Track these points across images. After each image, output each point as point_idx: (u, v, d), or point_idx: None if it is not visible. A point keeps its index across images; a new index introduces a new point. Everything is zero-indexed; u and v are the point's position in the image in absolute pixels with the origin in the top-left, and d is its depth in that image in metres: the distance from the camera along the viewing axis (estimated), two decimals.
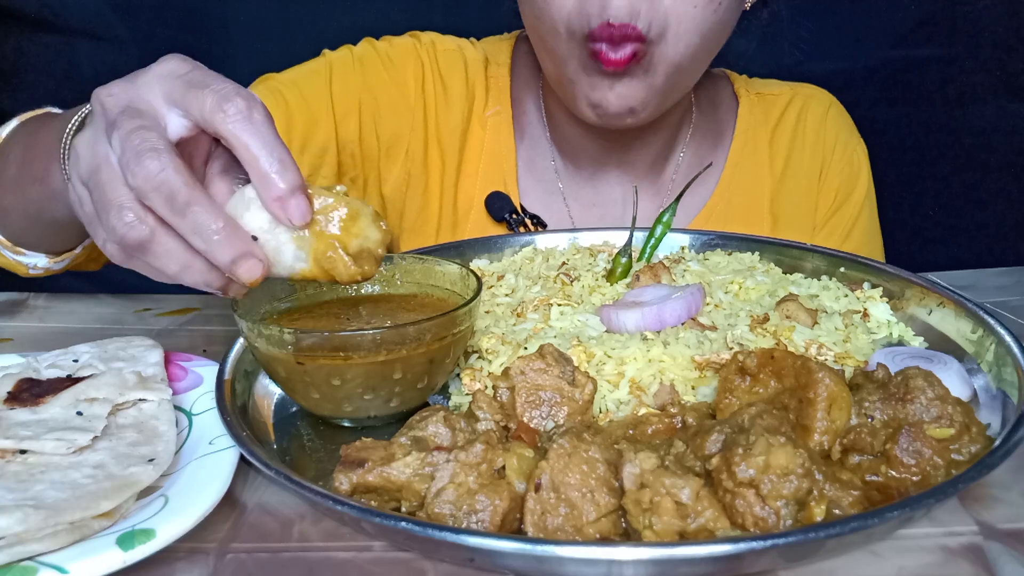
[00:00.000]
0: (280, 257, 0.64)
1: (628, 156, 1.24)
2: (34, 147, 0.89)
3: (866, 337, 0.84)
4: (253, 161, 0.62)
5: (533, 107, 1.27)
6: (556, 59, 1.06)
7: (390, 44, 1.25)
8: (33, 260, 1.00)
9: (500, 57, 1.29)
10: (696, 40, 1.01)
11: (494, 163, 1.25)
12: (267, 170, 0.61)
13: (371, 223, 0.66)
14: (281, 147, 0.62)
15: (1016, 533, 0.60)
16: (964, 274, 1.15)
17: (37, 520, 0.54)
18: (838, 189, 1.29)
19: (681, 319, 0.82)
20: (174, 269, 0.63)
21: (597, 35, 0.98)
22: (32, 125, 0.95)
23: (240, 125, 0.61)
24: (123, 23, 1.79)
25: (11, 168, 0.92)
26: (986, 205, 1.88)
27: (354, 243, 0.65)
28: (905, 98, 1.83)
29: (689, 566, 0.54)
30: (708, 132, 1.30)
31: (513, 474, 0.59)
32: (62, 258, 1.01)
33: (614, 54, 0.98)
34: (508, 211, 1.21)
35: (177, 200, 0.60)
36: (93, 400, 0.70)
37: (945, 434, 0.62)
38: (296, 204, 0.62)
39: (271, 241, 0.64)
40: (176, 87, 0.64)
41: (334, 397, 0.71)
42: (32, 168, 0.88)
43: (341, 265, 0.65)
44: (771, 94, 1.31)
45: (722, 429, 0.60)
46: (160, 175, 0.60)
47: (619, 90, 1.02)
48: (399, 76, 1.23)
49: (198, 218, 0.61)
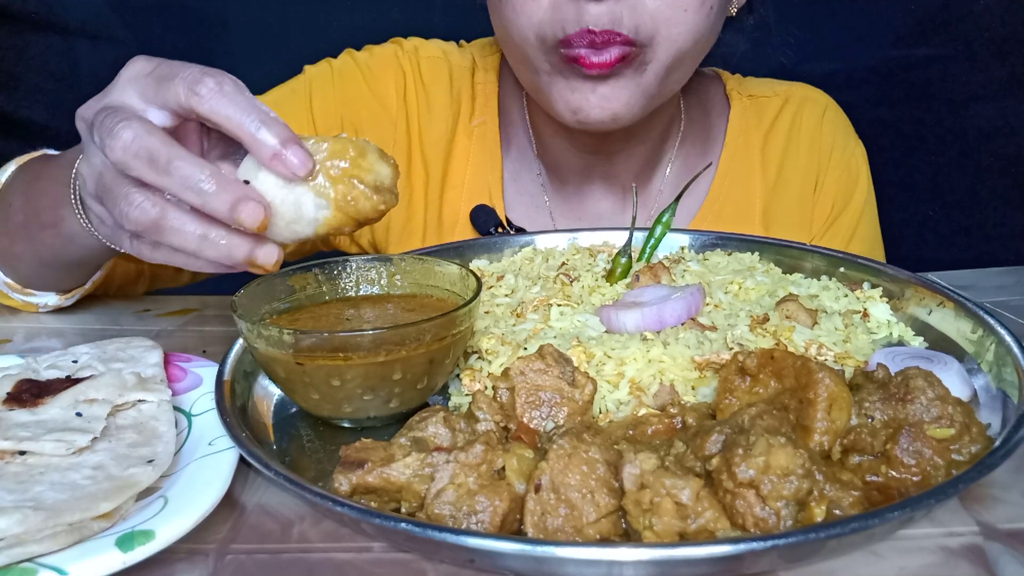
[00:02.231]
0: (302, 212, 0.65)
1: (613, 168, 1.21)
2: (39, 194, 0.89)
3: (866, 337, 0.84)
4: (238, 128, 0.63)
5: (519, 117, 1.24)
6: (528, 68, 1.04)
7: (370, 54, 1.24)
8: (43, 300, 1.01)
9: (488, 62, 1.26)
10: (689, 43, 0.99)
11: (479, 175, 1.22)
12: (253, 133, 0.62)
13: (378, 158, 0.67)
14: (260, 109, 0.63)
15: (1016, 533, 0.60)
16: (964, 274, 1.15)
17: (36, 521, 0.54)
18: (835, 198, 1.25)
19: (681, 319, 0.82)
20: (194, 243, 0.64)
21: (574, 41, 0.95)
22: (31, 170, 0.95)
23: (215, 102, 0.62)
24: (123, 23, 1.79)
25: (17, 216, 0.93)
26: (986, 205, 1.88)
27: (368, 177, 0.66)
28: (905, 98, 1.83)
29: (689, 567, 0.54)
30: (697, 140, 1.26)
31: (513, 475, 0.59)
32: (72, 295, 1.02)
33: (597, 57, 0.95)
34: (493, 224, 1.19)
35: (159, 160, 0.61)
36: (92, 401, 0.70)
37: (945, 434, 0.62)
38: (293, 153, 0.63)
39: (289, 197, 0.64)
40: (147, 85, 0.65)
41: (334, 398, 0.71)
42: (42, 216, 0.88)
43: (363, 199, 0.65)
44: (764, 97, 1.27)
45: (722, 429, 0.60)
46: (135, 141, 0.61)
47: (602, 92, 0.99)
48: (379, 88, 1.22)
49: (183, 171, 0.62)
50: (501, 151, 1.24)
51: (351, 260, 0.84)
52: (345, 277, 0.84)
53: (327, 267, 0.84)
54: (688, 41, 0.99)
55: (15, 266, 0.98)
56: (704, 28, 0.99)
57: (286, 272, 0.81)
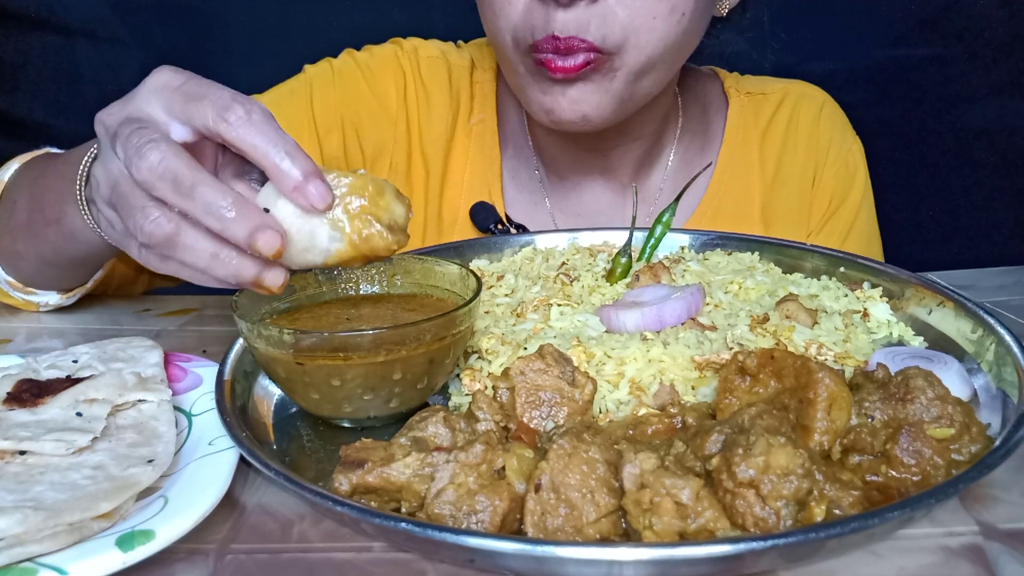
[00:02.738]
0: (315, 242, 0.66)
1: (610, 164, 1.22)
2: (44, 192, 0.90)
3: (866, 337, 0.84)
4: (263, 159, 0.63)
5: (516, 115, 1.26)
6: (508, 68, 1.06)
7: (370, 54, 1.24)
8: (44, 299, 1.01)
9: (486, 62, 1.27)
10: (659, 51, 0.99)
11: (479, 173, 1.23)
12: (278, 163, 0.63)
13: (395, 198, 0.68)
14: (287, 140, 0.64)
15: (1016, 533, 0.60)
16: (964, 274, 1.15)
17: (36, 521, 0.54)
18: (833, 192, 1.26)
19: (681, 319, 0.82)
20: (204, 261, 0.64)
21: (541, 47, 0.97)
22: (35, 168, 0.95)
23: (244, 130, 0.63)
24: (123, 23, 1.79)
25: (21, 214, 0.93)
26: (986, 205, 1.88)
27: (384, 216, 0.67)
28: (904, 98, 1.83)
29: (689, 566, 0.54)
30: (696, 135, 1.27)
31: (513, 474, 0.59)
32: (73, 294, 1.02)
33: (562, 62, 0.96)
34: (493, 221, 1.20)
35: (183, 184, 0.62)
36: (92, 401, 0.70)
37: (945, 434, 0.62)
38: (314, 188, 0.64)
39: (305, 227, 0.65)
40: (175, 100, 0.65)
41: (334, 397, 0.71)
42: (45, 212, 0.88)
43: (377, 238, 0.67)
44: (762, 94, 1.28)
45: (722, 429, 0.60)
46: (162, 163, 0.62)
47: (572, 95, 1.00)
48: (380, 87, 1.22)
49: (206, 196, 0.62)
50: (499, 149, 1.25)
51: None
52: (345, 277, 0.84)
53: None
54: (658, 49, 0.99)
55: (17, 264, 0.98)
56: (675, 35, 0.99)
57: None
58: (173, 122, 0.66)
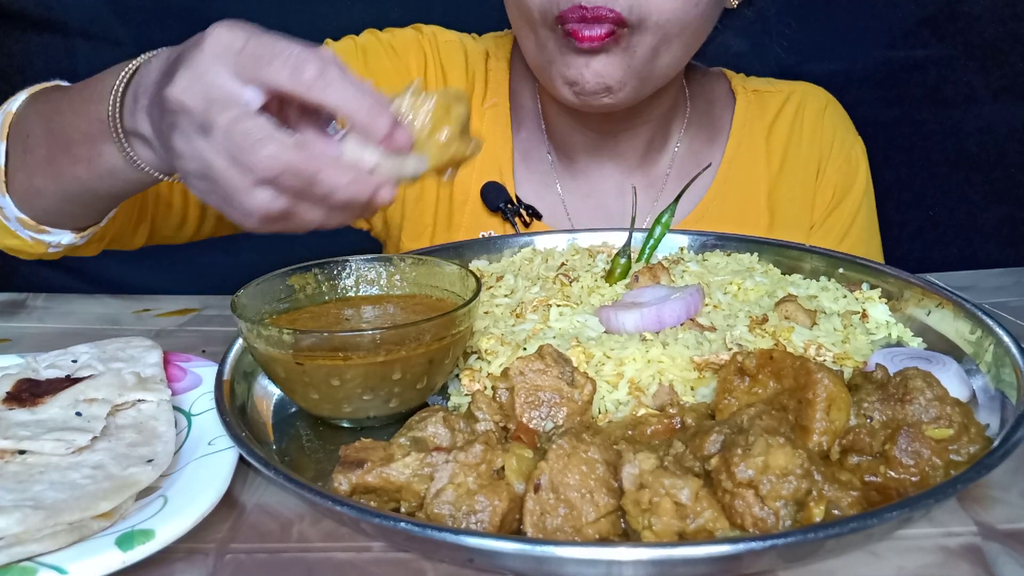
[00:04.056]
0: (404, 169, 0.70)
1: (619, 147, 1.25)
2: (64, 128, 0.87)
3: (865, 338, 0.84)
4: (352, 114, 0.65)
5: (529, 101, 1.29)
6: (535, 45, 1.09)
7: (392, 35, 1.27)
8: (57, 238, 0.97)
9: (500, 52, 1.31)
10: (676, 30, 1.03)
11: (490, 154, 1.26)
12: (366, 121, 0.66)
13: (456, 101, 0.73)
14: (367, 95, 0.66)
15: (1015, 533, 0.60)
16: (963, 275, 1.15)
17: (36, 520, 0.54)
18: (836, 186, 1.29)
19: (680, 320, 0.82)
20: (317, 224, 0.68)
21: (568, 16, 1.00)
22: (47, 101, 0.92)
23: (323, 91, 0.64)
24: (122, 23, 1.79)
25: (39, 150, 0.89)
26: (986, 205, 1.88)
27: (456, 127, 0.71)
28: (904, 98, 1.83)
29: (688, 566, 0.54)
30: (703, 127, 1.30)
31: (512, 475, 0.59)
32: (87, 233, 0.98)
33: (588, 31, 1.00)
34: (503, 201, 1.23)
35: (303, 175, 0.64)
36: (92, 400, 0.70)
37: (944, 435, 0.62)
38: (399, 135, 0.67)
39: (393, 161, 0.69)
40: (244, 64, 0.65)
41: (333, 397, 0.71)
42: (72, 151, 0.85)
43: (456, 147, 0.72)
44: (768, 91, 1.32)
45: (721, 430, 0.60)
46: (278, 160, 0.63)
47: (595, 67, 1.04)
48: (402, 64, 1.25)
49: (329, 181, 0.65)
50: (512, 131, 1.28)
51: (351, 260, 0.84)
52: (345, 277, 0.84)
53: (327, 267, 0.84)
54: (676, 27, 1.03)
55: (33, 201, 0.93)
56: (693, 16, 1.04)
57: (286, 272, 0.81)
58: (247, 88, 0.65)
